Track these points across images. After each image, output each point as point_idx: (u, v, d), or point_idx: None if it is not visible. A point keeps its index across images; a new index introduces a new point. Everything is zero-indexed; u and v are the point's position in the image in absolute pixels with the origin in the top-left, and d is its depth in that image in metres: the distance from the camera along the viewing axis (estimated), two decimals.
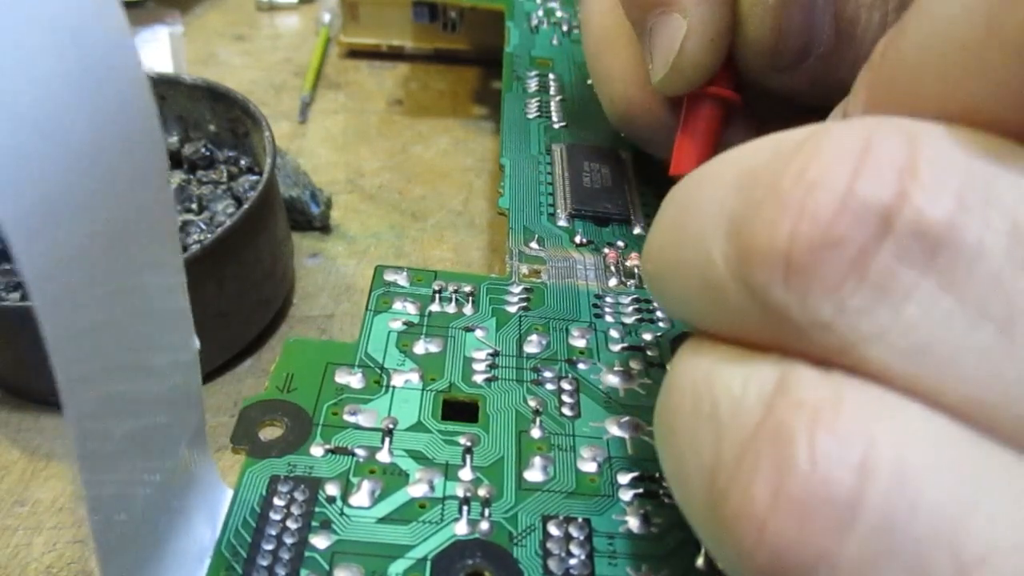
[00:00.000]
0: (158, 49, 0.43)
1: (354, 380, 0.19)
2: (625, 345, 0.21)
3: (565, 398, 0.19)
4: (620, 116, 0.26)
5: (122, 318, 0.12)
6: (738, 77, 0.23)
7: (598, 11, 0.27)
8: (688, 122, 0.24)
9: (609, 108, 0.27)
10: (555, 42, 0.36)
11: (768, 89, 0.23)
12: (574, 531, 0.16)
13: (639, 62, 0.25)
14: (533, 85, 0.32)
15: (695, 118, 0.23)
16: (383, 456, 0.18)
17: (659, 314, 0.22)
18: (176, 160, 0.31)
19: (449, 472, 0.17)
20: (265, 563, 0.15)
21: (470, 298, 0.22)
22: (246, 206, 0.25)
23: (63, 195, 0.10)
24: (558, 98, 0.32)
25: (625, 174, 0.28)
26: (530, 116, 0.30)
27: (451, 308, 0.22)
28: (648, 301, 0.23)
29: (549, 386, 0.20)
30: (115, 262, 0.12)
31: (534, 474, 0.18)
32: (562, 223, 0.25)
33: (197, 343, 0.15)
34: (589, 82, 0.33)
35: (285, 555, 0.15)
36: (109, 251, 0.12)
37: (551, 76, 0.33)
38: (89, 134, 0.11)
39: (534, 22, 0.37)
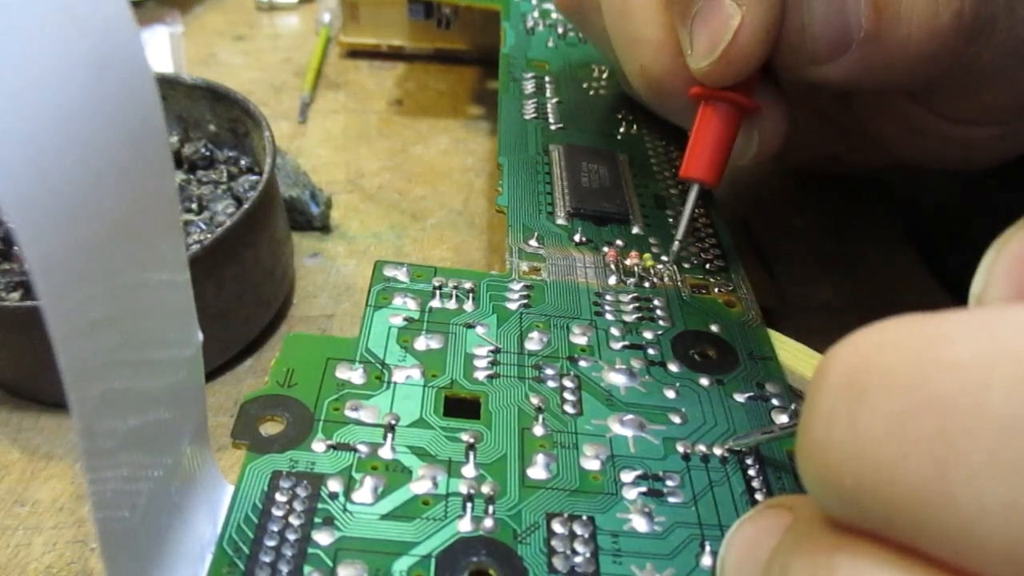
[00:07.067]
0: (158, 49, 0.43)
1: (355, 376, 0.19)
2: (626, 344, 0.21)
3: (567, 395, 0.19)
4: (649, 85, 0.25)
5: (126, 313, 0.12)
6: (760, 80, 0.23)
7: None
8: (703, 126, 0.23)
9: (637, 76, 0.25)
10: (551, 44, 0.36)
11: (813, 85, 0.23)
12: (578, 529, 0.16)
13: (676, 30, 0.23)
14: (530, 87, 0.32)
15: (712, 123, 0.23)
16: (385, 452, 0.17)
17: (659, 313, 0.22)
18: (176, 160, 0.31)
19: (452, 469, 0.17)
20: (268, 559, 0.15)
21: (470, 294, 0.22)
22: (246, 206, 0.25)
23: (70, 187, 0.10)
24: (554, 100, 0.32)
25: (622, 175, 0.28)
26: (527, 117, 0.30)
27: (451, 304, 0.22)
28: (648, 300, 0.23)
29: (551, 383, 0.20)
30: (120, 257, 0.12)
31: (537, 471, 0.18)
32: (561, 221, 0.25)
33: (200, 336, 0.15)
34: (584, 85, 0.33)
35: (288, 552, 0.15)
36: (114, 246, 0.12)
37: (547, 79, 0.33)
38: (94, 126, 0.11)
39: (529, 23, 0.37)
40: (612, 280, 0.23)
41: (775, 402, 0.20)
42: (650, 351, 0.21)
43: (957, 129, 0.26)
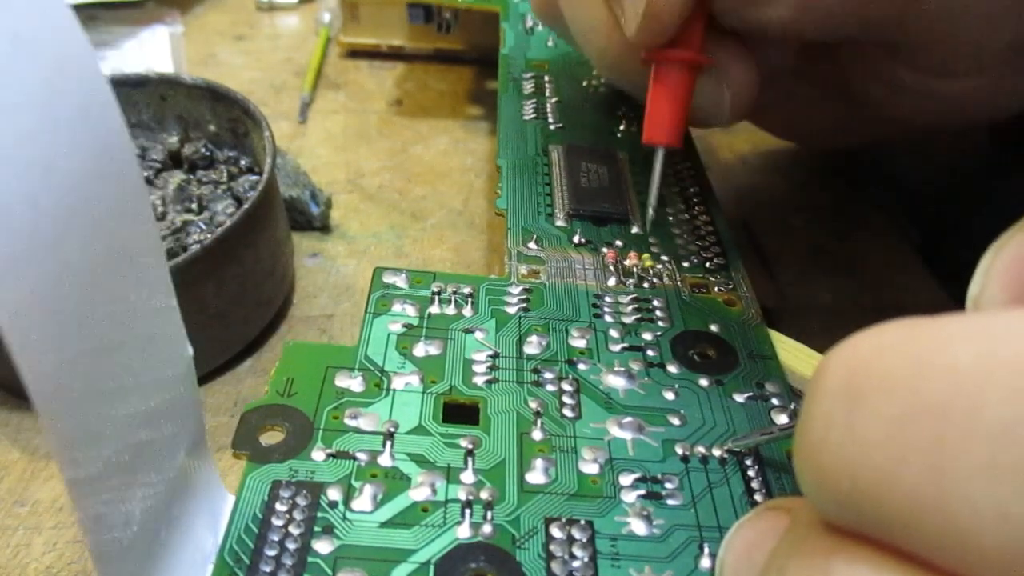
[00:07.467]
0: (158, 49, 0.43)
1: (354, 383, 0.19)
2: (625, 345, 0.21)
3: (566, 399, 0.19)
4: (609, 67, 0.26)
5: (105, 344, 0.12)
6: (707, 32, 0.23)
7: None
8: (657, 89, 0.23)
9: (598, 60, 0.26)
10: (550, 44, 0.36)
11: (755, 28, 0.23)
12: (577, 533, 0.16)
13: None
14: (529, 87, 0.32)
15: (664, 85, 0.23)
16: (385, 460, 0.18)
17: (659, 314, 0.22)
18: (176, 160, 0.31)
19: (451, 475, 0.17)
20: (268, 569, 0.15)
21: (469, 299, 0.22)
22: (246, 206, 0.25)
23: (29, 228, 0.10)
24: (554, 100, 0.32)
25: (622, 174, 0.28)
26: (526, 117, 0.30)
27: (450, 310, 0.22)
28: (647, 300, 0.23)
29: (550, 387, 0.20)
30: (94, 290, 0.12)
31: (536, 476, 0.18)
32: (560, 223, 0.25)
33: (190, 350, 0.14)
34: (584, 84, 0.33)
35: (288, 561, 0.15)
36: (86, 280, 0.11)
37: (546, 79, 0.33)
38: (56, 160, 0.10)
39: (529, 24, 0.37)
40: (611, 281, 0.23)
41: (775, 402, 0.20)
42: (649, 352, 0.21)
43: (944, 84, 0.25)
